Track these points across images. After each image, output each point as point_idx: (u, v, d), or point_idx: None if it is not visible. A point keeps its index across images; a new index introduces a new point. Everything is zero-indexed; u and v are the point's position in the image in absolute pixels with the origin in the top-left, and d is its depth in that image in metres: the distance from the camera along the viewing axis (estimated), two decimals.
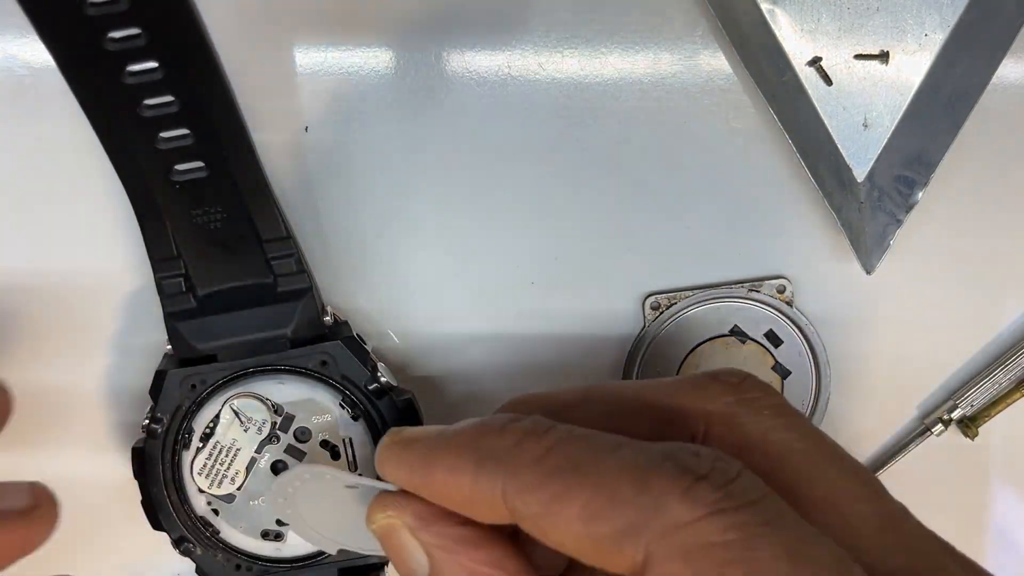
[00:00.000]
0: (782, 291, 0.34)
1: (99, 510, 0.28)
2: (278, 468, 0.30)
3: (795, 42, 0.33)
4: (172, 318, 0.29)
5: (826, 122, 0.33)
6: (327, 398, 0.30)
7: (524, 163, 0.33)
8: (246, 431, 0.30)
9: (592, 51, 0.33)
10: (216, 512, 0.30)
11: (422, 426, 0.26)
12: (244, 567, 0.30)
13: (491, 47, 0.33)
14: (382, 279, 0.34)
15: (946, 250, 0.35)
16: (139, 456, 0.30)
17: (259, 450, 0.30)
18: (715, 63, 0.33)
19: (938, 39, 0.33)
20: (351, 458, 0.30)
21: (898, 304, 0.35)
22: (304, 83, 0.32)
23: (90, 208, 0.32)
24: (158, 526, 0.31)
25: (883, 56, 0.33)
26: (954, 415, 0.35)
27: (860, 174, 0.33)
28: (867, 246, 0.33)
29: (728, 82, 0.33)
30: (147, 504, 0.30)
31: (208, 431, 0.30)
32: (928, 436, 0.35)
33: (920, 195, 0.33)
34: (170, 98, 0.24)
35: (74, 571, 0.28)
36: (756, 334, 0.34)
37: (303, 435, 0.30)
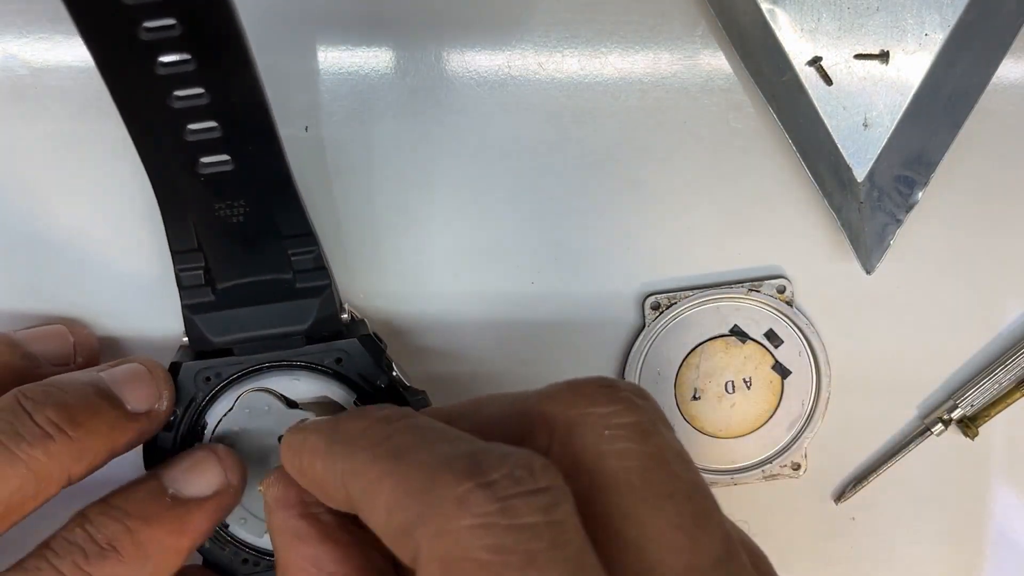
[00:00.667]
0: (782, 291, 0.34)
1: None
2: None
3: (795, 42, 0.33)
4: (190, 310, 0.29)
5: (826, 122, 0.33)
6: (341, 396, 0.30)
7: (524, 163, 0.33)
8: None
9: (592, 51, 0.33)
10: None
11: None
12: (251, 562, 0.30)
13: (491, 47, 0.33)
14: (381, 278, 0.34)
15: (946, 250, 0.35)
16: (151, 447, 0.30)
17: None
18: (715, 63, 0.33)
19: (938, 39, 0.33)
20: None
21: (898, 304, 0.35)
22: (304, 83, 0.32)
23: (90, 208, 0.32)
24: None
25: (883, 56, 0.33)
26: (954, 415, 0.35)
27: (860, 174, 0.33)
28: (867, 246, 0.33)
29: (728, 82, 0.33)
30: None
31: (220, 424, 0.30)
32: (928, 436, 0.35)
33: (920, 195, 0.33)
34: (200, 90, 0.24)
35: None
36: (756, 334, 0.34)
37: None
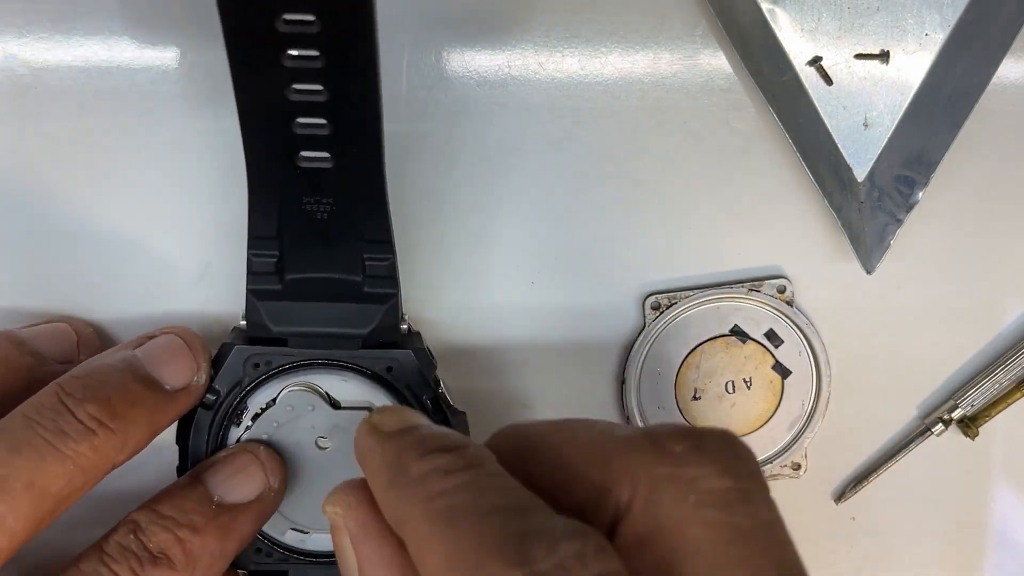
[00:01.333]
0: (782, 291, 0.34)
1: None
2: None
3: (795, 42, 0.33)
4: (255, 296, 0.29)
5: (826, 122, 0.33)
6: (385, 404, 0.30)
7: (524, 163, 0.33)
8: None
9: (592, 51, 0.33)
10: None
11: (410, 414, 0.26)
12: (265, 551, 0.30)
13: (491, 47, 0.32)
14: None
15: (946, 250, 0.35)
16: (186, 423, 0.30)
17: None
18: (715, 63, 0.33)
19: (938, 39, 0.33)
20: None
21: (898, 304, 0.35)
22: None
23: (90, 207, 0.32)
24: None
25: (883, 56, 0.33)
26: (954, 415, 0.35)
27: (860, 174, 0.33)
28: (867, 246, 0.33)
29: (728, 82, 0.33)
30: (184, 471, 0.30)
31: (260, 412, 0.30)
32: (928, 436, 0.35)
33: (920, 195, 0.33)
34: (320, 87, 0.24)
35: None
36: (756, 334, 0.34)
37: None
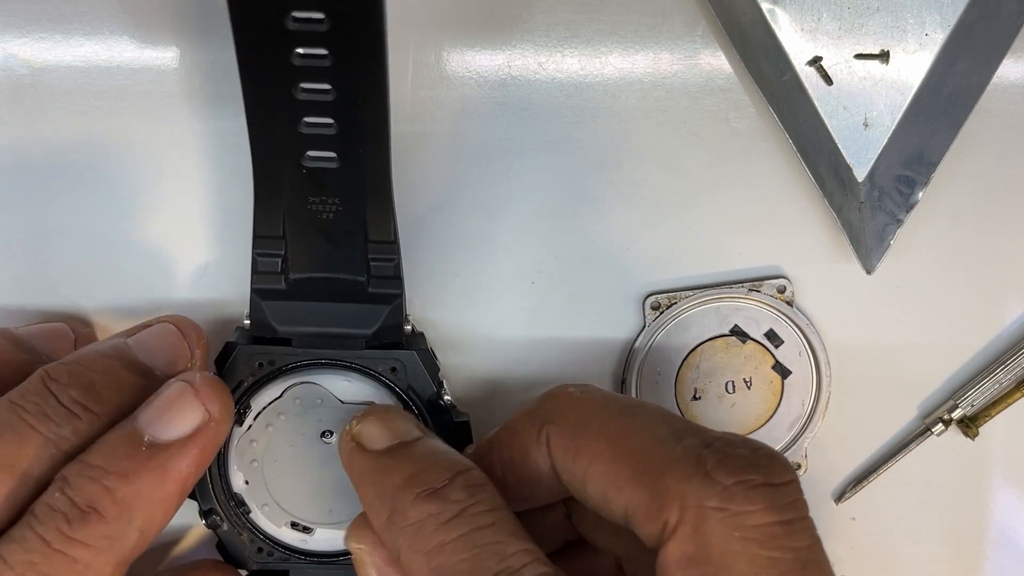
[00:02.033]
0: (782, 291, 0.34)
1: None
2: None
3: (795, 42, 0.33)
4: (259, 295, 0.29)
5: (826, 122, 0.33)
6: (388, 404, 0.30)
7: (524, 163, 0.33)
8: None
9: (592, 51, 0.33)
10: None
11: (395, 422, 0.26)
12: (266, 551, 0.30)
13: (491, 47, 0.32)
14: None
15: (946, 250, 0.35)
16: None
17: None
18: (715, 63, 0.33)
19: (938, 39, 0.33)
20: None
21: (898, 304, 0.35)
22: None
23: (90, 207, 0.32)
24: (191, 493, 0.30)
25: (883, 56, 0.33)
26: (954, 415, 0.35)
27: (860, 174, 0.33)
28: (867, 246, 0.33)
29: (728, 82, 0.33)
30: None
31: (263, 411, 0.30)
32: (928, 436, 0.35)
33: (920, 195, 0.33)
34: (328, 86, 0.24)
35: None
36: (756, 334, 0.34)
37: None
